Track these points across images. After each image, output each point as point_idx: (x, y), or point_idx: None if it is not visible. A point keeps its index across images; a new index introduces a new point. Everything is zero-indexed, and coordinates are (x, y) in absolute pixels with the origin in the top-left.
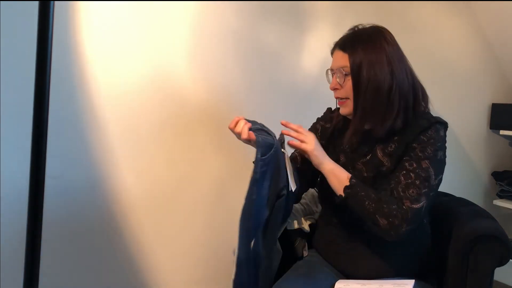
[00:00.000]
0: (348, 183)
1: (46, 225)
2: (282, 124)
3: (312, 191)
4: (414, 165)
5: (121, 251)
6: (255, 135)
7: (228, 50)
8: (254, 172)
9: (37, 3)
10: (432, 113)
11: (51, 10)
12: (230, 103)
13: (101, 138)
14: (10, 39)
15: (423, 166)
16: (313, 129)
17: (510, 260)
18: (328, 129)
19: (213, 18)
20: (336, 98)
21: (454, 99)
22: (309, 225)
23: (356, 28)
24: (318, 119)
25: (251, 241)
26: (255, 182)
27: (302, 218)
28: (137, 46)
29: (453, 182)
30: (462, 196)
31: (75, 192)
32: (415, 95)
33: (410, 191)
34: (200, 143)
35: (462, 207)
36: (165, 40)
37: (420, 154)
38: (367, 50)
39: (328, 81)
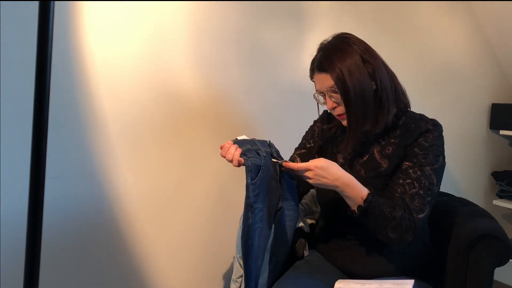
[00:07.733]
0: (362, 204)
1: (46, 225)
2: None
3: (312, 191)
4: (418, 172)
5: (121, 251)
6: (244, 160)
7: (229, 50)
8: (247, 197)
9: (37, 3)
10: (431, 112)
11: (51, 10)
12: (230, 102)
13: (101, 138)
14: (10, 39)
15: (427, 173)
16: (311, 130)
17: (510, 260)
18: (326, 130)
19: (214, 18)
20: (337, 115)
21: (454, 99)
22: (309, 225)
23: (322, 45)
24: (315, 121)
25: (257, 268)
26: (250, 208)
27: (303, 218)
28: (137, 46)
29: (453, 182)
30: (462, 196)
31: (75, 192)
32: (393, 86)
33: (415, 202)
34: (200, 143)
35: (462, 207)
36: (165, 40)
37: (423, 161)
38: (342, 59)
39: (320, 102)
